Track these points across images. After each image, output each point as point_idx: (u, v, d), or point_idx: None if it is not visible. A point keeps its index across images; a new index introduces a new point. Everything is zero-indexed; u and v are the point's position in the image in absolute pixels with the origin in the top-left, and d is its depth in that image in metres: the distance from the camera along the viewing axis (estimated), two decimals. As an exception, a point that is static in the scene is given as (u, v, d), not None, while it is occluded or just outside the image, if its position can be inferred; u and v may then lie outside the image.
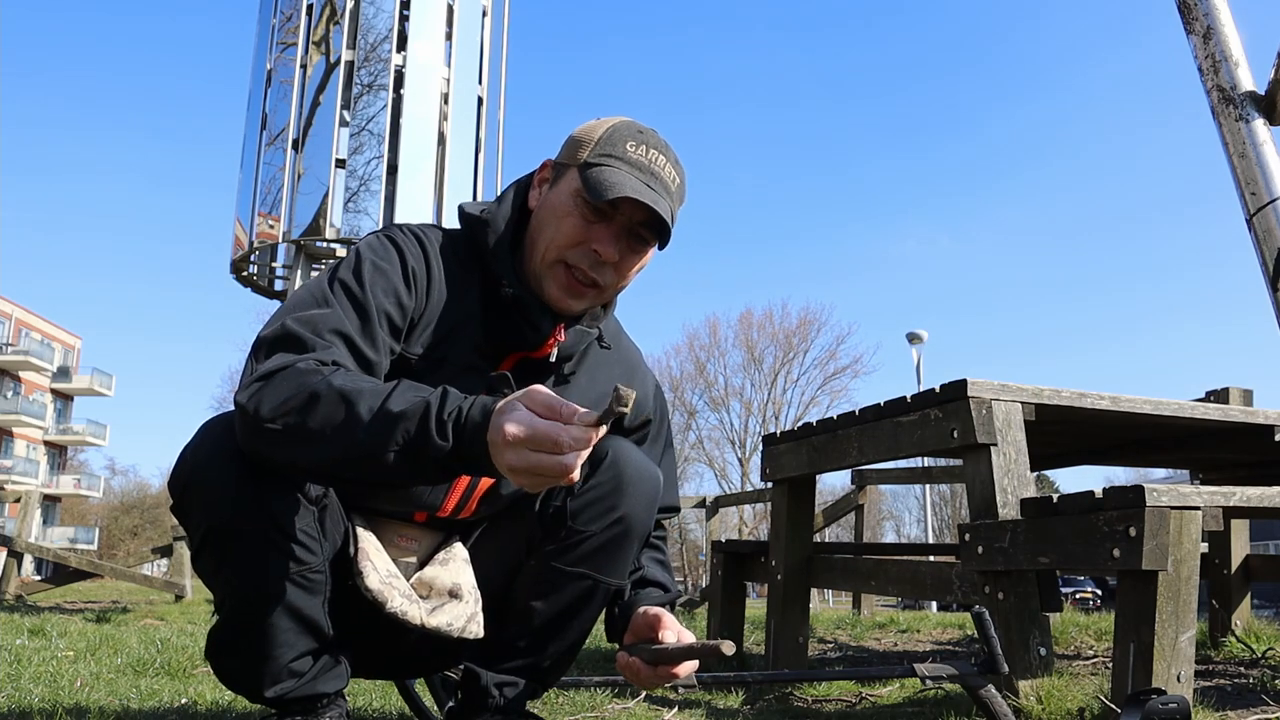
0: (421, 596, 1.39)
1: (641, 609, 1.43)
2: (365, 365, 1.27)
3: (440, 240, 1.43)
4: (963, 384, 2.30)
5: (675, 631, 1.37)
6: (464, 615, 1.39)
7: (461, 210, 1.47)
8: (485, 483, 1.45)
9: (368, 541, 1.38)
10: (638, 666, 1.36)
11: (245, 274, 11.00)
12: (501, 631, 1.46)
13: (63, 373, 46.75)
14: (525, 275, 1.40)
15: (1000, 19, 66.80)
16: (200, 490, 1.22)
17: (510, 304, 1.38)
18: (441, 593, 1.40)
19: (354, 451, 1.10)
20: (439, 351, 1.37)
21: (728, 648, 1.20)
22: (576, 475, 1.04)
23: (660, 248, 1.42)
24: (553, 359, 1.43)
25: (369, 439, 1.09)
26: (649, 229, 1.37)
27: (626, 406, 0.98)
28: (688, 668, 1.35)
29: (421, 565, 1.46)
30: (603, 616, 1.53)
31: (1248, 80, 1.89)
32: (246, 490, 1.21)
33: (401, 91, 9.90)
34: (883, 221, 68.98)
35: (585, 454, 1.04)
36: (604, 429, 1.03)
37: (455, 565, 1.44)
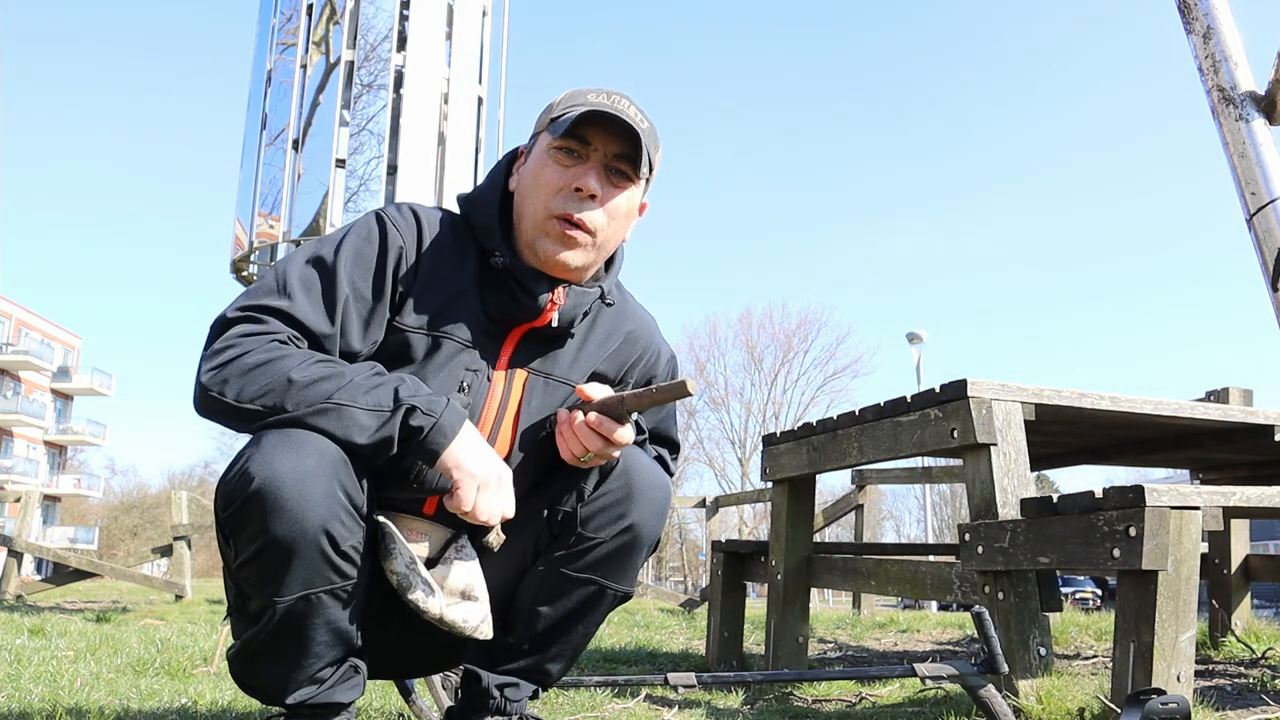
0: None
1: (557, 415, 1.44)
2: (318, 344, 1.31)
3: (439, 218, 1.45)
4: (963, 384, 2.30)
5: (602, 390, 1.42)
6: (478, 615, 1.39)
7: (458, 197, 1.51)
8: None
9: (391, 528, 1.38)
10: (598, 422, 1.36)
11: (245, 274, 10.98)
12: (505, 633, 1.46)
13: (63, 373, 46.72)
14: (519, 248, 1.42)
15: (1002, 16, 66.85)
16: (261, 505, 1.20)
17: (503, 274, 1.40)
18: (454, 591, 1.39)
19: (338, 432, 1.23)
20: (435, 326, 1.38)
21: (691, 385, 1.25)
22: None
23: (643, 178, 1.43)
24: (554, 324, 1.43)
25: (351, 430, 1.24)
26: (626, 162, 1.39)
27: None
28: (626, 435, 1.37)
29: (431, 562, 1.46)
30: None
31: (1248, 80, 1.89)
32: (307, 508, 1.20)
33: (401, 91, 9.89)
34: (883, 221, 69.08)
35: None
36: None
37: (467, 565, 1.43)
